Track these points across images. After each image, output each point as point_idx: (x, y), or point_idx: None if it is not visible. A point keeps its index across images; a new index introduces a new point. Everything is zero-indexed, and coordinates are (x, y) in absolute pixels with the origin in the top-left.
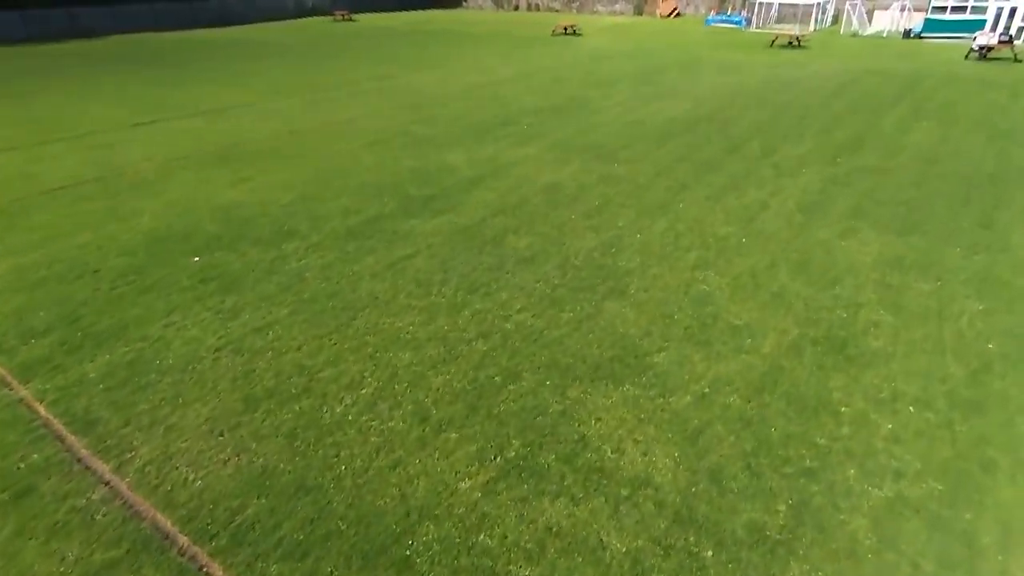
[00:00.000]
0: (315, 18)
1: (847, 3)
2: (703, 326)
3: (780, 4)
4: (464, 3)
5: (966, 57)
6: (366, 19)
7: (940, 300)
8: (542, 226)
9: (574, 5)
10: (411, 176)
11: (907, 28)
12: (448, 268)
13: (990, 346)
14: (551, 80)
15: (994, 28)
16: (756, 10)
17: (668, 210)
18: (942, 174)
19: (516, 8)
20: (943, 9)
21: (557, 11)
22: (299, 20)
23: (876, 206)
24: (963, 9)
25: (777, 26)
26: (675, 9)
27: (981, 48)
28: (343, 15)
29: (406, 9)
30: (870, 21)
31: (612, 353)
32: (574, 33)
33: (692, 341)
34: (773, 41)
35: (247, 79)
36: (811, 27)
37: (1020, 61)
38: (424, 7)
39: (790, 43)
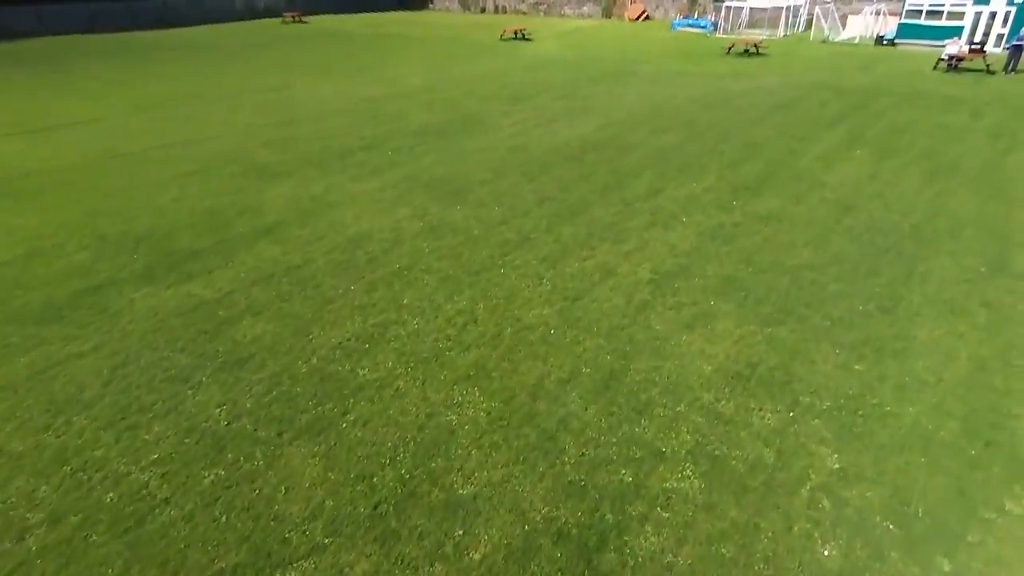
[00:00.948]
0: (265, 20)
1: (817, 8)
2: (397, 509)
3: (751, 8)
4: (431, 4)
5: (934, 68)
6: (320, 21)
7: (781, 448)
8: (301, 304)
9: (541, 8)
10: (198, 221)
11: (880, 34)
12: (116, 376)
13: (826, 553)
14: (461, 93)
15: (972, 34)
16: (725, 14)
17: (481, 279)
18: (854, 227)
19: (483, 10)
20: (918, 14)
21: (524, 13)
22: (247, 22)
23: (753, 275)
24: (939, 14)
25: (747, 31)
26: (643, 12)
27: (951, 58)
28: (294, 17)
29: (371, 11)
30: (843, 26)
31: None
32: (523, 38)
33: (362, 544)
34: (730, 48)
35: (121, 89)
36: (780, 32)
37: (993, 72)
38: (391, 9)
39: (747, 51)
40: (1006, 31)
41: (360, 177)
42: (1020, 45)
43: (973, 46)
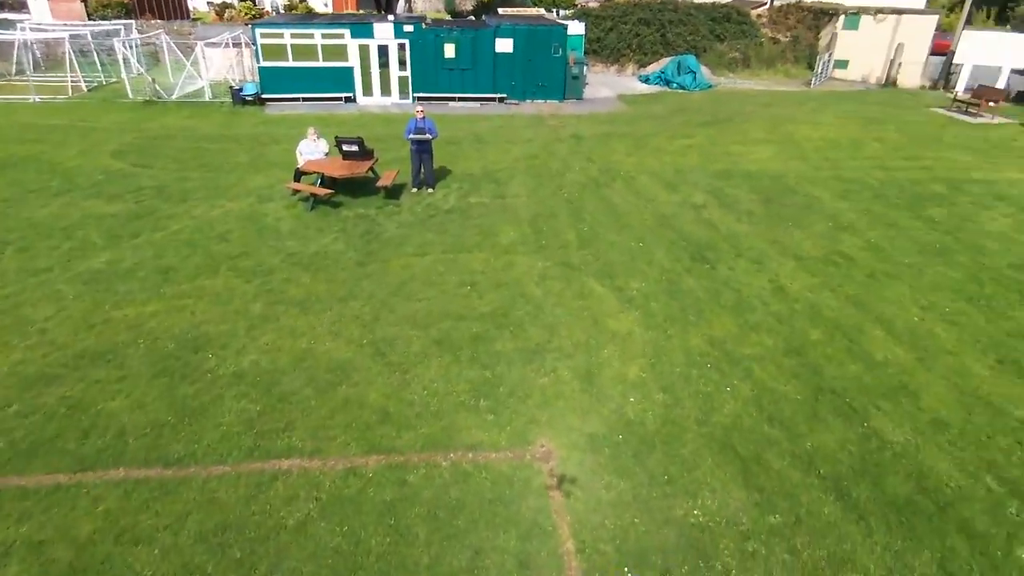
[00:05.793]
0: None
1: (117, 41)
2: None
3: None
4: None
5: (293, 193)
6: None
7: None
8: None
9: None
10: None
11: (235, 86)
12: None
13: None
14: None
15: (366, 82)
16: None
17: None
18: None
19: None
20: (278, 51)
21: None
22: None
23: None
24: (311, 52)
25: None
26: None
27: (297, 178)
28: None
29: None
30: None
31: None
32: None
33: None
34: None
35: None
36: (83, 83)
37: (396, 198)
38: None
39: None
40: (408, 75)
41: None
42: (423, 142)
43: (349, 147)
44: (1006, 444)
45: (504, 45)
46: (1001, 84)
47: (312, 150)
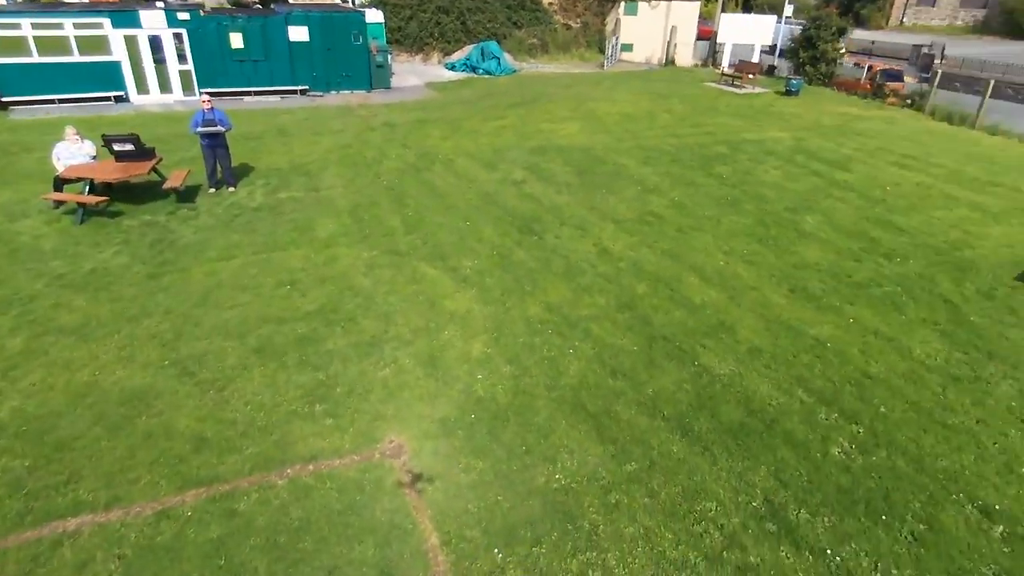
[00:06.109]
0: None
1: None
2: None
3: None
4: None
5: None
6: None
7: None
8: None
9: None
10: None
11: None
12: None
13: None
14: None
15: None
16: None
17: None
18: None
19: None
20: (21, 45)
21: None
22: None
23: None
24: (63, 46)
25: None
26: None
27: None
28: None
29: None
30: None
31: None
32: None
33: None
34: None
35: None
36: None
37: None
38: None
39: None
40: (190, 69)
41: None
42: (215, 135)
43: (121, 146)
44: (808, 360)
45: (298, 33)
46: (756, 59)
47: (73, 153)
